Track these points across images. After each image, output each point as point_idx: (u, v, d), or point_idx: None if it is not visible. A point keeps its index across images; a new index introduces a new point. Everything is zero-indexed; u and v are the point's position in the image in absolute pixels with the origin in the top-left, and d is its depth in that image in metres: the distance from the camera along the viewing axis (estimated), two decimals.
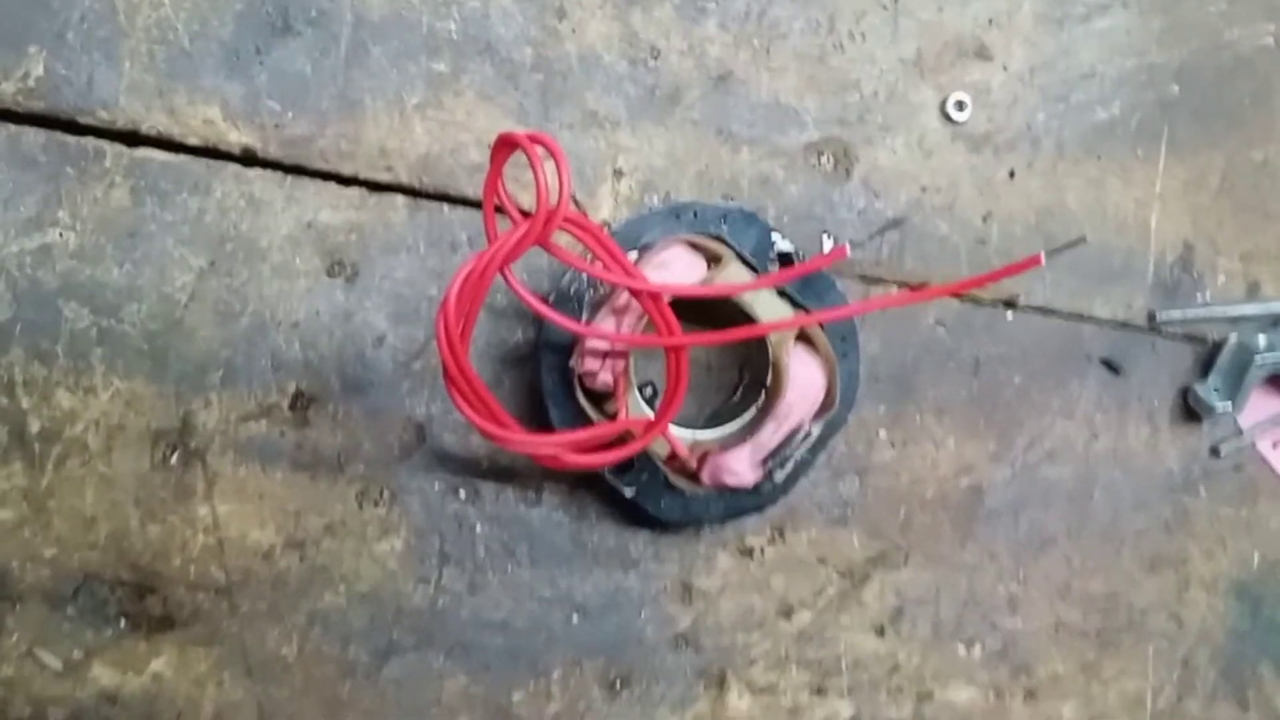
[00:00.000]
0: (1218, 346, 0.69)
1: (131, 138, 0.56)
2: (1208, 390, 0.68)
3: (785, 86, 0.62)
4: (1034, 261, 0.50)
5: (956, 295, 0.65)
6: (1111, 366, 0.68)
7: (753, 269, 0.58)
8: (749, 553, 0.65)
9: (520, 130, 0.45)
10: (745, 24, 0.61)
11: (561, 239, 0.49)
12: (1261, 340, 0.67)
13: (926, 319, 0.65)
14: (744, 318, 0.58)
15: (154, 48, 0.56)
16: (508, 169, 0.48)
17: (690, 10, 0.61)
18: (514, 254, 0.47)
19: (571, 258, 0.50)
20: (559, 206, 0.46)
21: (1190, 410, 0.70)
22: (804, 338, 0.59)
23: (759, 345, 0.60)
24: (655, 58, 0.60)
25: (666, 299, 0.52)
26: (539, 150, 0.45)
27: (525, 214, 0.47)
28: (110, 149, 0.56)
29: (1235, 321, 0.69)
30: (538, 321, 0.59)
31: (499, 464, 0.62)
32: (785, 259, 0.59)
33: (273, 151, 0.57)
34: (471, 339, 0.54)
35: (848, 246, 0.56)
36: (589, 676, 0.64)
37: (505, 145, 0.46)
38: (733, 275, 0.57)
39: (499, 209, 0.49)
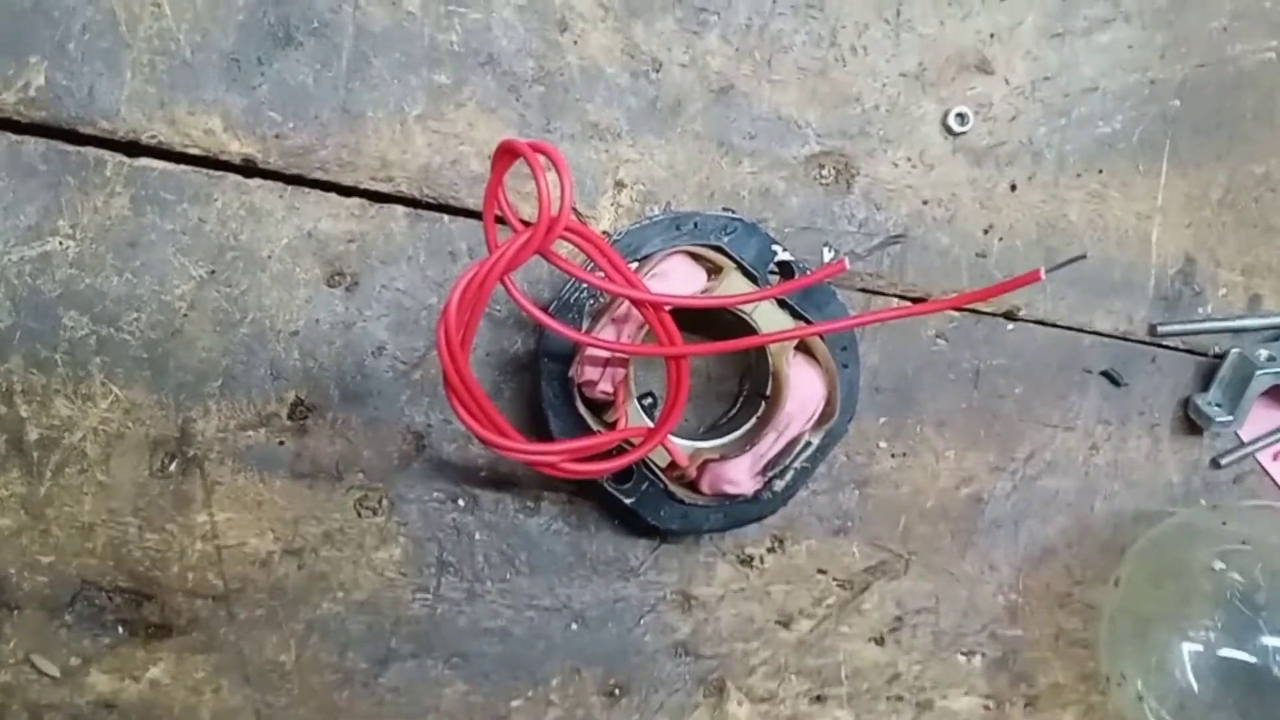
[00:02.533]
0: (1219, 359, 0.69)
1: (132, 148, 0.56)
2: (1208, 403, 0.68)
3: (787, 99, 0.62)
4: (1033, 277, 0.50)
5: (956, 309, 0.65)
6: (1112, 379, 0.68)
7: (753, 280, 0.58)
8: (748, 562, 0.65)
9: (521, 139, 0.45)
10: (747, 37, 0.61)
11: (562, 248, 0.49)
12: (1262, 353, 0.68)
13: (927, 331, 0.65)
14: (744, 328, 0.58)
15: (155, 58, 0.56)
16: (508, 179, 0.48)
17: (692, 23, 0.61)
18: (515, 262, 0.47)
19: (573, 267, 0.50)
20: (560, 215, 0.45)
21: (1191, 422, 0.70)
22: (804, 348, 0.59)
23: (759, 355, 0.60)
24: (657, 70, 0.60)
25: (667, 309, 0.52)
26: (540, 159, 0.44)
27: (526, 223, 0.47)
28: (111, 159, 0.56)
29: (1236, 334, 0.69)
30: (538, 331, 0.60)
31: (498, 473, 0.62)
32: (786, 270, 0.60)
33: (273, 161, 0.57)
34: (471, 348, 0.54)
35: (846, 261, 0.56)
36: (588, 685, 0.64)
37: (506, 153, 0.46)
38: (733, 286, 0.57)
39: (499, 218, 0.48)
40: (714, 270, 0.58)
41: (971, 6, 0.64)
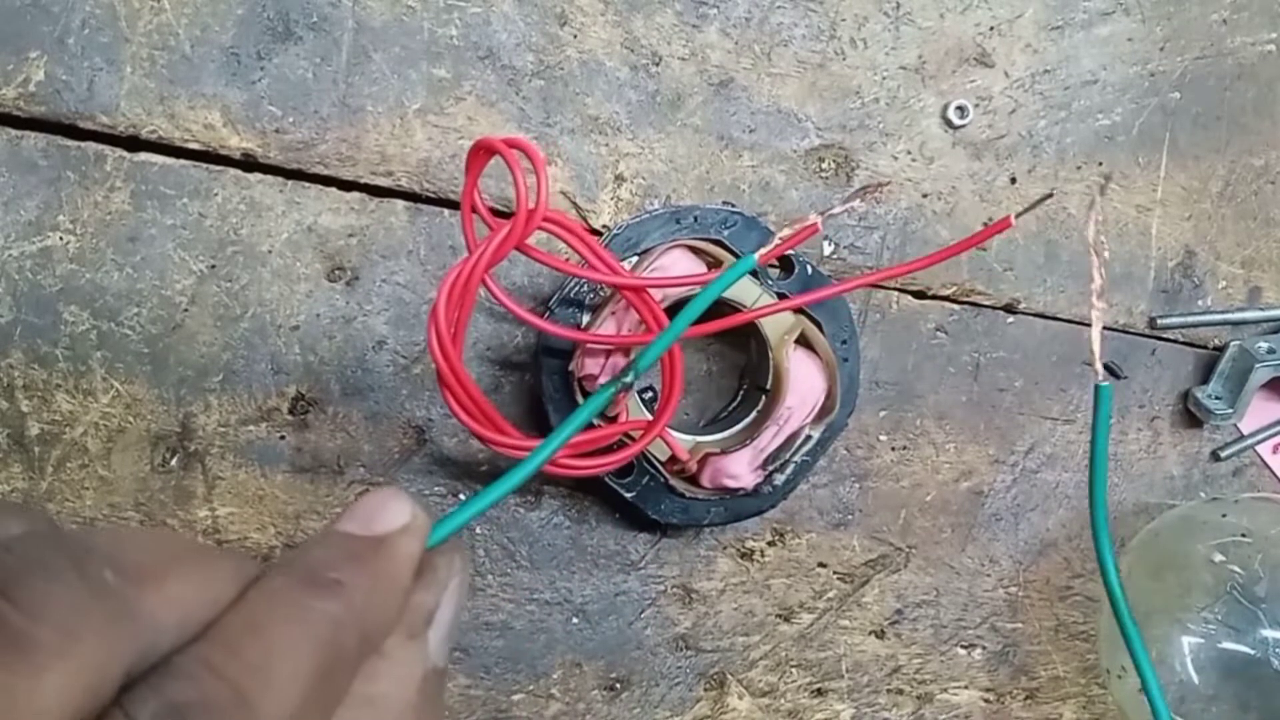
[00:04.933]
0: (1219, 352, 0.69)
1: (132, 142, 0.56)
2: (1208, 395, 0.68)
3: (786, 93, 0.62)
4: (1004, 224, 0.50)
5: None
6: (1112, 371, 0.68)
7: (753, 273, 0.58)
8: (749, 555, 0.65)
9: (513, 135, 0.45)
10: (746, 30, 0.61)
11: (560, 246, 0.49)
12: (1262, 346, 0.68)
13: (927, 324, 0.65)
14: None
15: (155, 53, 0.56)
16: (505, 176, 0.48)
17: (691, 16, 0.61)
18: (496, 258, 0.47)
19: (549, 258, 0.50)
20: (536, 208, 0.45)
21: (1191, 415, 0.70)
22: (804, 341, 0.59)
23: (759, 349, 0.60)
24: (656, 64, 0.60)
25: (658, 296, 0.52)
26: (516, 154, 0.44)
27: (502, 216, 0.47)
28: (111, 153, 0.56)
29: (1236, 327, 0.69)
30: None
31: (498, 467, 0.62)
32: (785, 263, 0.60)
33: (273, 156, 0.57)
34: (469, 343, 0.54)
35: (820, 221, 0.54)
36: (589, 679, 0.64)
37: (482, 151, 0.46)
38: None
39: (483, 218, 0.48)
40: (714, 264, 0.58)
41: None
